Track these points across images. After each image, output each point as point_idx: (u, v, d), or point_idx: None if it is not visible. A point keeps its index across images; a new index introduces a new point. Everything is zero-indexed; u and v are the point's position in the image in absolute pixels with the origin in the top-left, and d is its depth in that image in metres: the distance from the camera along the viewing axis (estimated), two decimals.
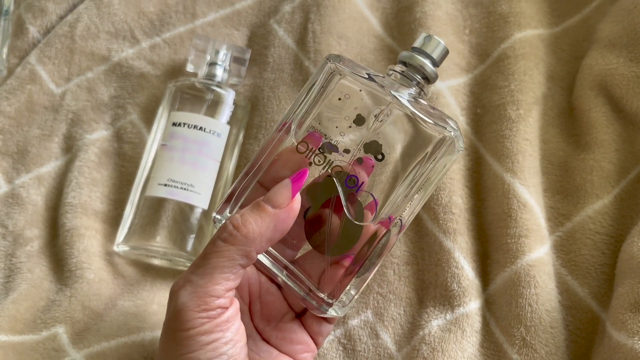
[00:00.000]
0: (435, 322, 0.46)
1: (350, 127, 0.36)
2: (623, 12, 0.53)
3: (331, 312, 0.37)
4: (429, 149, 0.36)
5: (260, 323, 0.40)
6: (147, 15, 0.58)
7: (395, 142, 0.36)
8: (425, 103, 0.37)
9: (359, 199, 0.36)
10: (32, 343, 0.46)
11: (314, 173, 0.37)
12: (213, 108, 0.53)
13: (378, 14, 0.58)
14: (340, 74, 0.37)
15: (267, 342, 0.39)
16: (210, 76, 0.54)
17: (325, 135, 0.36)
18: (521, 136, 0.51)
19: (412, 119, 0.36)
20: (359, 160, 0.36)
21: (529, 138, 0.51)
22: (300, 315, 0.41)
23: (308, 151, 0.36)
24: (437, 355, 0.44)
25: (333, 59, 0.37)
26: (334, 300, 0.37)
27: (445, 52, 0.37)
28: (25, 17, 0.59)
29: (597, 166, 0.50)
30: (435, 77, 0.37)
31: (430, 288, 0.49)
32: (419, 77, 0.37)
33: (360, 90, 0.36)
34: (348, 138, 0.36)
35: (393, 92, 0.36)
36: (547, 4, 0.58)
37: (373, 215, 0.36)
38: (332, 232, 0.36)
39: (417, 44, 0.37)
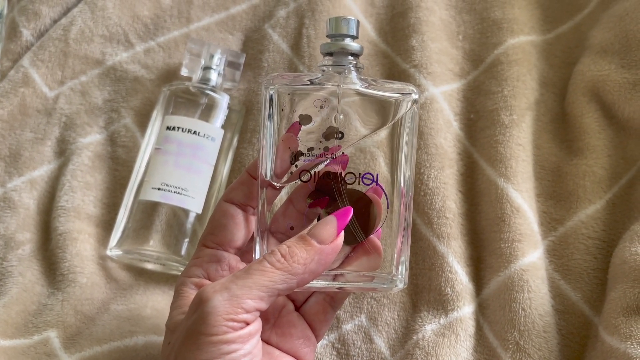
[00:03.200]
0: (429, 327, 0.46)
1: (300, 130, 0.37)
2: (615, 19, 0.53)
3: (399, 285, 0.39)
4: (399, 117, 0.38)
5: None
6: (141, 19, 0.58)
7: (355, 120, 0.38)
8: (372, 81, 0.38)
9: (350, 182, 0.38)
10: (24, 347, 0.46)
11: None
12: (207, 112, 0.53)
13: (372, 20, 0.58)
14: (273, 90, 0.37)
15: (267, 342, 0.39)
16: (205, 80, 0.54)
17: (289, 147, 0.38)
18: (514, 141, 0.51)
19: (368, 97, 0.37)
20: (325, 148, 0.37)
21: (522, 143, 0.51)
22: (299, 308, 0.41)
23: (311, 177, 0.37)
24: None
25: (267, 82, 0.38)
26: (397, 271, 0.38)
27: (357, 22, 0.38)
28: (19, 20, 0.58)
29: (589, 171, 0.51)
30: (361, 50, 0.38)
31: (424, 292, 0.49)
32: (350, 58, 0.38)
33: (289, 94, 0.37)
34: (304, 139, 0.37)
35: (342, 86, 0.37)
36: (539, 10, 0.58)
37: (380, 194, 0.38)
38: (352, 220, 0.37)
39: (329, 31, 0.38)
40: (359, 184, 0.37)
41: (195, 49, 0.55)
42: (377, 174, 0.37)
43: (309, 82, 0.37)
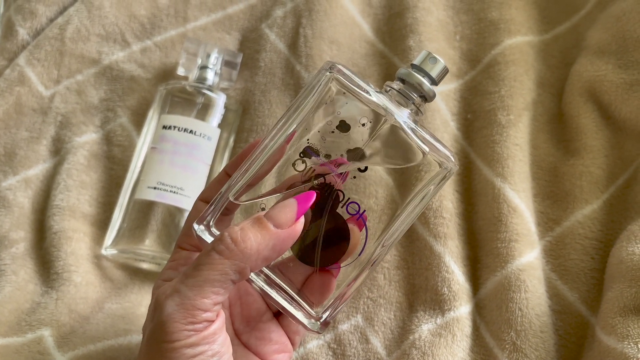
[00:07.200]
0: (425, 327, 0.46)
1: (333, 132, 0.35)
2: (612, 20, 0.53)
3: (313, 328, 0.36)
4: (426, 176, 0.35)
5: (240, 325, 0.39)
6: (138, 18, 0.58)
7: (384, 156, 0.36)
8: (421, 129, 0.36)
9: (342, 208, 0.35)
10: (17, 345, 0.45)
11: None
12: (204, 111, 0.52)
13: (370, 20, 0.58)
14: (332, 79, 0.35)
15: (245, 345, 0.38)
16: (201, 79, 0.54)
17: (308, 139, 0.35)
18: (511, 141, 0.51)
19: (407, 140, 0.35)
20: (335, 164, 0.35)
21: (519, 143, 0.51)
22: (278, 315, 0.40)
23: (306, 170, 0.35)
24: None
25: (331, 67, 0.35)
26: (322, 314, 0.36)
27: (445, 71, 0.36)
28: (15, 19, 0.58)
29: (586, 172, 0.50)
30: (433, 96, 0.36)
31: (421, 292, 0.48)
32: (416, 95, 0.36)
33: (345, 93, 0.35)
34: (330, 143, 0.35)
35: (391, 109, 0.35)
36: (537, 11, 0.58)
37: (361, 230, 0.35)
38: (321, 242, 0.35)
39: (416, 61, 0.36)
40: (342, 206, 0.35)
41: (192, 48, 0.55)
42: (365, 210, 0.35)
43: (366, 92, 0.35)
